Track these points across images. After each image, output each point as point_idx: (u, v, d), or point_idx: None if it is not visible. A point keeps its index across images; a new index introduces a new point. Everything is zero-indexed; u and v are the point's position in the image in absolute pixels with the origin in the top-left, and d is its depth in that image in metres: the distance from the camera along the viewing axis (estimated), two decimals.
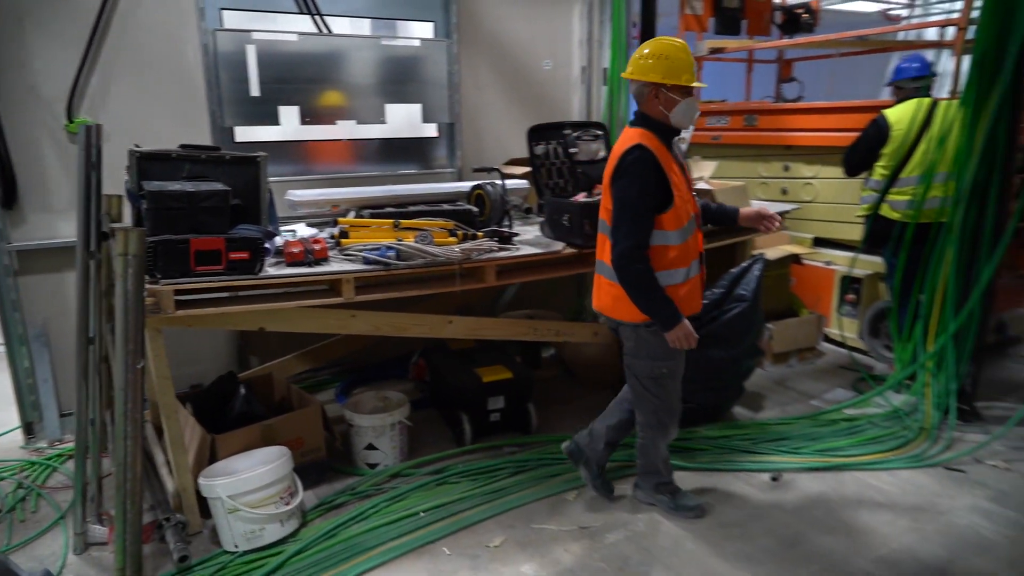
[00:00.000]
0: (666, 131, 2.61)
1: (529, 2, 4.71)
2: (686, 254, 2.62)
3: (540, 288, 4.65)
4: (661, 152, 2.56)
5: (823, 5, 8.73)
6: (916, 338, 3.90)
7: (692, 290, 2.68)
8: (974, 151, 3.44)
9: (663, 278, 2.58)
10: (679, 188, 2.57)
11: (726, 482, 3.16)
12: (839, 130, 4.72)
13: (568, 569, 2.58)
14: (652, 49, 2.54)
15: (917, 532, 2.77)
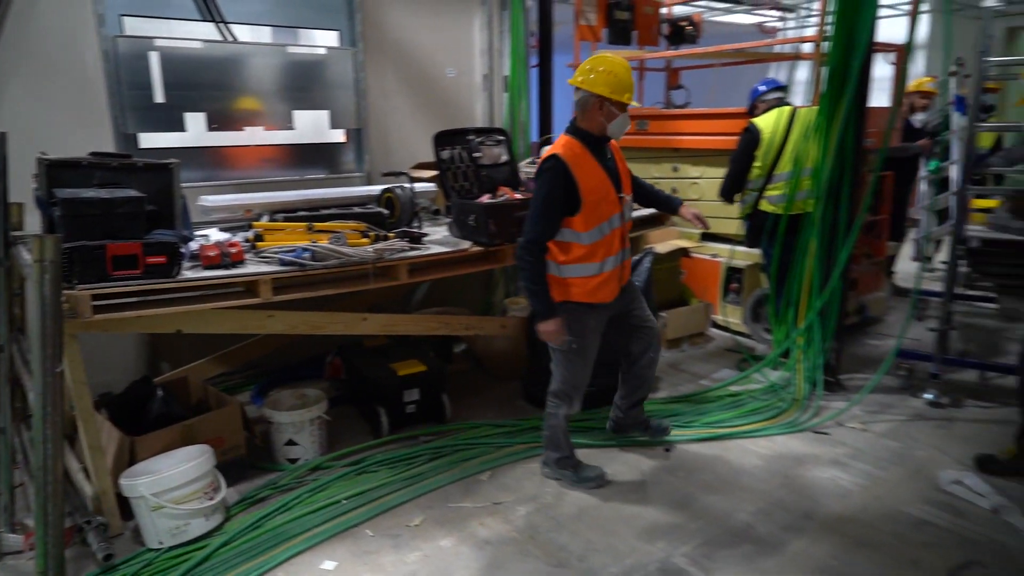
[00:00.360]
0: (595, 140, 2.90)
1: (432, 13, 4.91)
2: (597, 251, 2.91)
3: (450, 286, 4.86)
4: (583, 159, 2.85)
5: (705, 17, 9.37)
6: (789, 320, 4.36)
7: (605, 282, 2.98)
8: (829, 152, 3.91)
9: (574, 270, 2.91)
10: (596, 192, 2.86)
11: (624, 455, 3.48)
12: (722, 134, 5.17)
13: (484, 540, 2.80)
14: (604, 65, 2.80)
15: (787, 487, 3.17)
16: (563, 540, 2.80)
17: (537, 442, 3.54)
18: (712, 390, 4.23)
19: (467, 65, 5.18)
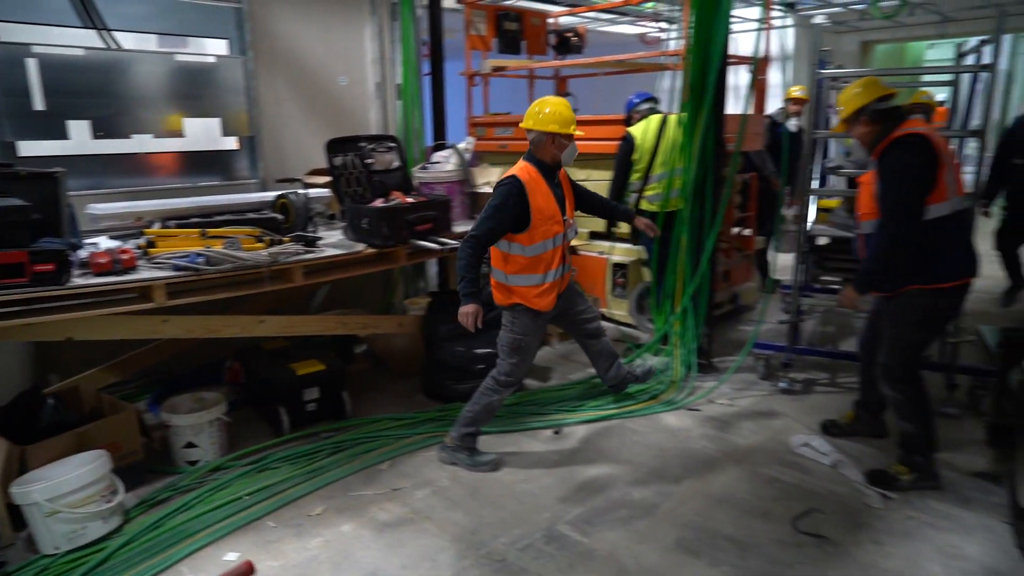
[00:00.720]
0: (549, 168, 3.30)
1: (322, 23, 5.03)
2: (540, 264, 3.29)
3: (350, 288, 4.99)
4: (538, 184, 3.23)
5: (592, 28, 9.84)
6: (667, 309, 4.76)
7: (547, 291, 3.34)
8: (692, 155, 4.32)
9: (519, 279, 3.31)
10: (544, 212, 3.23)
11: (516, 440, 3.73)
12: (606, 139, 5.54)
13: (383, 523, 2.98)
14: (549, 107, 3.22)
15: (662, 458, 3.51)
16: (457, 517, 3.01)
17: (435, 432, 3.75)
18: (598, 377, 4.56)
19: (360, 74, 5.32)
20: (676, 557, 2.72)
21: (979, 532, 2.86)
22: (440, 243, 3.76)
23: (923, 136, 2.92)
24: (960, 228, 3.04)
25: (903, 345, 3.13)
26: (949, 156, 2.96)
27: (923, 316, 3.07)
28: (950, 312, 3.21)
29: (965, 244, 3.07)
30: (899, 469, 3.18)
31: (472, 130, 6.70)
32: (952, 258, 3.00)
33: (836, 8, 9.87)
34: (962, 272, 3.03)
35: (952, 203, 2.95)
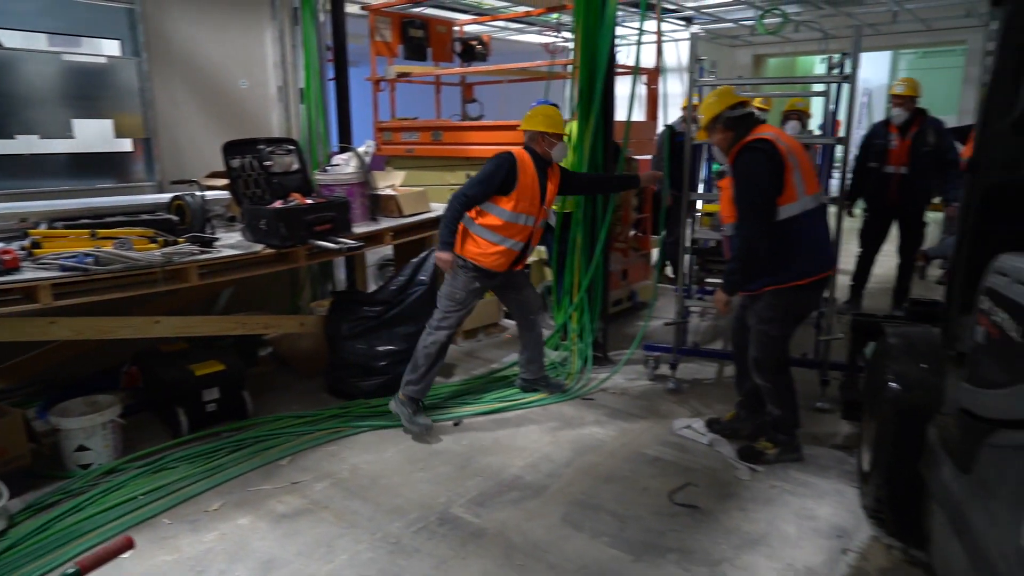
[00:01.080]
0: (540, 159, 3.79)
1: (220, 26, 5.02)
2: (509, 231, 3.73)
3: (255, 291, 4.99)
4: (528, 165, 3.72)
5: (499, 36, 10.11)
6: (565, 305, 4.99)
7: (503, 255, 3.78)
8: (584, 160, 4.58)
9: (487, 233, 3.74)
10: (528, 190, 3.70)
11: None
12: (508, 144, 5.74)
13: (281, 515, 3.05)
14: (541, 112, 3.80)
15: (555, 443, 3.71)
16: (355, 506, 3.11)
17: (337, 427, 3.84)
18: (499, 371, 4.74)
19: (261, 77, 5.33)
20: (561, 531, 2.92)
21: (831, 496, 3.19)
22: (339, 243, 3.84)
23: (768, 141, 3.15)
24: (813, 226, 3.24)
25: (768, 340, 3.33)
26: (799, 158, 3.20)
27: (784, 313, 3.28)
28: (810, 306, 3.45)
29: (818, 241, 3.28)
30: (765, 445, 3.47)
31: (379, 135, 6.80)
32: (805, 256, 3.19)
33: (728, 24, 10.50)
34: (817, 268, 3.25)
35: (802, 203, 3.16)
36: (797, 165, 3.16)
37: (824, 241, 3.36)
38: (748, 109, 3.32)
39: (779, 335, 3.34)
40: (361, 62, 7.17)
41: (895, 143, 5.39)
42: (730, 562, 2.71)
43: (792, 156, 3.16)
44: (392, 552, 2.77)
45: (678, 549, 2.78)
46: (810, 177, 3.24)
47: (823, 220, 3.35)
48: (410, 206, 4.67)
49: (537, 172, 3.76)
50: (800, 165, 3.19)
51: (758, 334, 3.37)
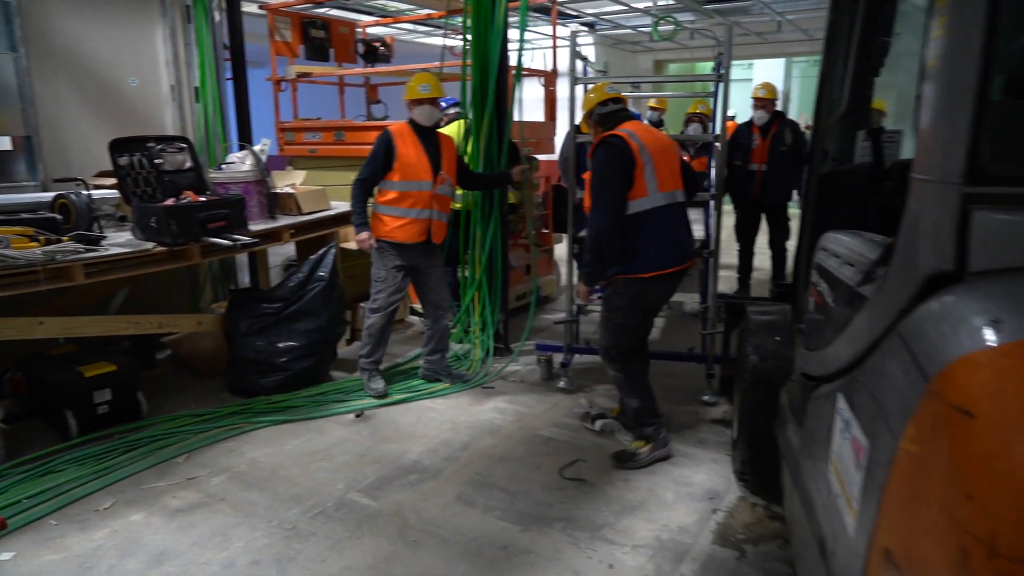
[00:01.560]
0: (421, 129, 4.07)
1: (106, 22, 4.90)
2: (405, 199, 4.02)
3: (152, 292, 4.89)
4: (407, 136, 4.02)
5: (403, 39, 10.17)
6: (466, 299, 5.14)
7: (409, 225, 4.06)
8: (480, 156, 4.74)
9: (388, 210, 4.05)
10: (409, 158, 3.99)
11: (319, 425, 3.90)
12: None
13: (175, 509, 3.05)
14: (412, 80, 4.05)
15: (453, 430, 3.84)
16: (253, 496, 3.15)
17: (236, 424, 3.84)
18: (403, 363, 4.84)
19: (152, 75, 5.22)
20: (455, 508, 3.05)
21: (707, 464, 3.45)
22: (234, 240, 3.85)
23: (621, 137, 3.20)
24: (664, 222, 3.26)
25: (613, 328, 3.39)
26: (657, 155, 3.23)
27: (628, 303, 3.32)
28: (658, 299, 3.44)
29: (669, 236, 3.29)
30: (637, 445, 3.47)
31: (281, 135, 6.76)
32: (653, 249, 3.23)
33: (627, 30, 10.93)
34: (664, 262, 3.26)
35: (653, 199, 3.21)
36: (651, 162, 3.21)
37: (676, 237, 3.35)
38: (619, 106, 3.43)
39: (624, 324, 3.38)
40: (266, 62, 7.10)
41: (757, 142, 5.83)
42: (611, 526, 2.91)
43: (646, 153, 3.21)
44: (288, 537, 2.83)
45: (564, 518, 2.97)
46: (668, 175, 3.30)
47: (679, 217, 3.38)
48: (309, 204, 4.71)
49: (420, 140, 4.04)
50: (656, 162, 3.23)
51: (604, 321, 3.45)
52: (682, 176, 3.43)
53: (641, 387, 3.49)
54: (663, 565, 2.64)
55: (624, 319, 3.37)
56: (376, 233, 4.10)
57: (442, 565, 2.64)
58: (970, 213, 1.18)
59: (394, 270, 4.13)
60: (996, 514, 0.90)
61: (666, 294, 3.49)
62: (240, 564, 2.66)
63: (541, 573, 2.60)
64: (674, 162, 3.40)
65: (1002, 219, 1.18)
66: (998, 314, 1.02)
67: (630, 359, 3.45)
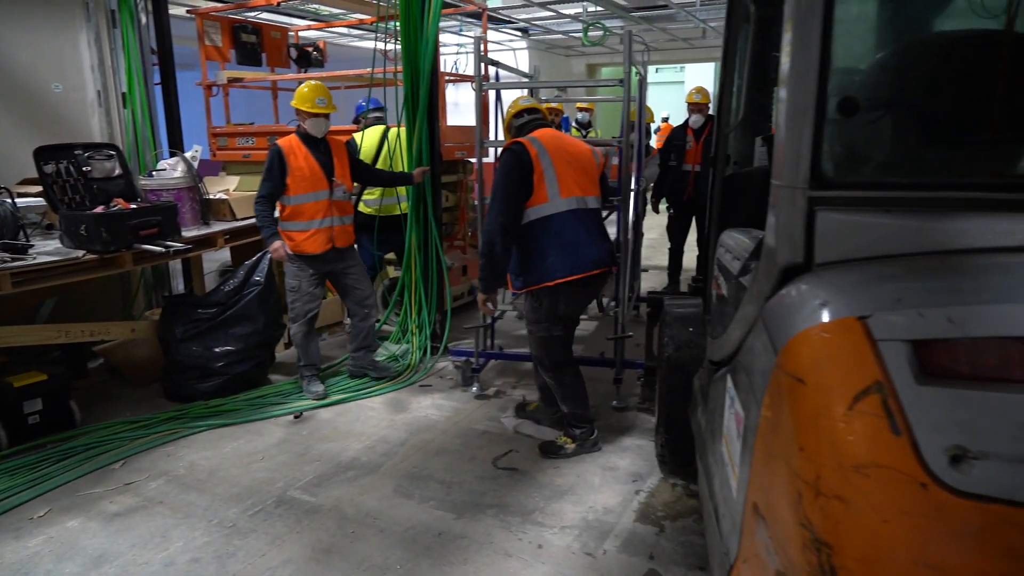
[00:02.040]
0: (310, 139, 4.09)
1: (27, 26, 4.81)
2: (303, 213, 4.07)
3: (83, 303, 4.83)
4: (297, 149, 4.05)
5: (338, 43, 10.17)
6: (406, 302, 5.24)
7: (315, 235, 4.12)
8: (413, 161, 4.86)
9: (291, 225, 4.09)
10: (302, 171, 4.03)
11: (258, 427, 3.96)
12: None
13: (113, 514, 3.08)
14: (304, 88, 4.06)
15: (391, 427, 3.96)
16: (191, 498, 3.20)
17: (174, 429, 3.87)
18: (336, 363, 4.92)
19: (77, 81, 5.15)
20: (392, 501, 3.18)
21: (632, 450, 3.67)
22: (166, 246, 3.87)
23: (522, 143, 3.24)
24: (568, 228, 3.25)
25: (537, 340, 3.44)
26: (562, 160, 3.26)
27: (543, 314, 3.34)
28: (571, 307, 3.40)
29: (574, 243, 3.26)
30: (564, 440, 3.57)
31: (213, 140, 6.71)
32: (557, 257, 3.23)
33: (559, 35, 11.20)
34: (570, 269, 3.24)
35: (554, 204, 3.23)
36: (552, 168, 3.22)
37: (583, 243, 3.30)
38: (532, 116, 3.48)
39: (546, 335, 3.40)
40: (196, 65, 7.03)
41: (691, 144, 6.14)
42: (541, 511, 3.09)
43: (546, 159, 3.22)
44: (228, 535, 2.90)
45: (497, 505, 3.13)
46: (572, 181, 3.29)
47: (586, 222, 3.34)
48: (243, 209, 4.74)
49: (310, 150, 4.08)
50: (559, 168, 3.24)
51: (528, 334, 3.53)
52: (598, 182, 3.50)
53: (572, 395, 3.53)
54: (588, 543, 2.83)
55: (546, 330, 3.39)
56: (289, 247, 4.09)
57: (379, 553, 2.77)
58: (815, 213, 1.40)
59: (307, 280, 4.19)
60: (819, 461, 1.10)
61: (579, 301, 3.46)
62: (180, 563, 2.72)
63: (474, 556, 2.75)
64: (584, 168, 3.38)
65: (841, 218, 1.39)
66: (827, 297, 1.23)
67: (562, 369, 3.49)
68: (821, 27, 1.32)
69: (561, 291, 3.29)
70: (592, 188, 3.43)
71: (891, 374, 1.07)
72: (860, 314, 1.14)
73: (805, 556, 1.11)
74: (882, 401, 1.06)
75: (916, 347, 1.09)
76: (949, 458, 1.01)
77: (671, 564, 2.70)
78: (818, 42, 1.33)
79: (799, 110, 1.39)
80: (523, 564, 2.70)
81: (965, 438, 1.01)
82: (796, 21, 1.37)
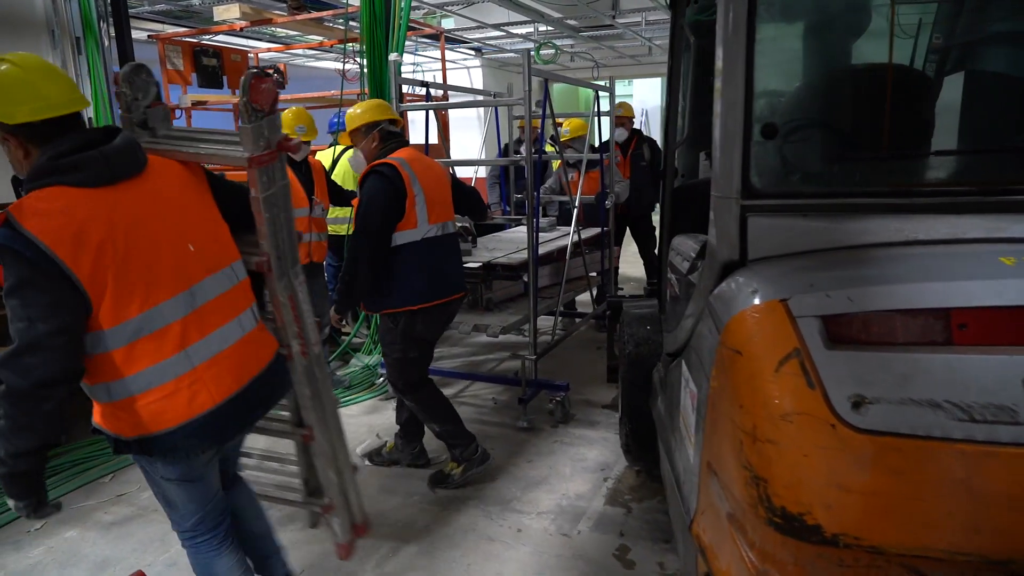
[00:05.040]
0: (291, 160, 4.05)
1: None
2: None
3: None
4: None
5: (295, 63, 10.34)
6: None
7: None
8: None
9: None
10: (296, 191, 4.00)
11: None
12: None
13: (110, 523, 3.22)
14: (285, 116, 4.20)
15: (371, 432, 4.17)
16: None
17: None
18: None
19: None
20: (379, 498, 3.39)
21: (599, 443, 3.95)
22: None
23: (394, 167, 3.09)
24: (433, 253, 3.23)
25: (393, 362, 3.37)
26: (430, 186, 3.20)
27: (400, 336, 3.27)
28: (429, 330, 3.36)
29: (439, 268, 3.27)
30: (451, 466, 3.47)
31: None
32: (420, 281, 3.20)
33: (511, 54, 11.57)
34: (433, 294, 3.24)
35: (422, 230, 3.17)
36: (422, 193, 3.16)
37: (445, 269, 3.32)
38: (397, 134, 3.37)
39: (402, 357, 3.32)
40: None
41: (619, 159, 6.30)
42: (518, 499, 3.34)
43: (417, 184, 3.15)
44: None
45: (477, 497, 3.37)
46: (439, 206, 3.28)
47: (447, 248, 3.36)
48: None
49: (292, 171, 4.07)
50: (428, 194, 3.19)
51: (384, 356, 3.51)
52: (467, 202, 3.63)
53: (437, 414, 3.45)
54: (563, 525, 3.10)
55: (401, 352, 3.32)
56: None
57: (370, 544, 2.98)
58: (747, 219, 1.70)
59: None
60: (755, 413, 1.39)
61: (438, 325, 3.43)
62: (183, 564, 2.85)
63: (460, 541, 2.99)
64: (446, 192, 3.38)
65: (767, 222, 1.70)
66: (757, 286, 1.52)
67: (419, 388, 3.42)
68: (744, 72, 1.64)
69: (419, 315, 3.24)
70: (450, 213, 3.41)
71: (806, 342, 1.37)
72: (782, 297, 1.44)
73: (747, 491, 1.39)
74: (800, 363, 1.35)
75: (825, 321, 1.39)
76: (851, 404, 1.31)
77: (639, 539, 2.98)
78: (742, 83, 1.64)
79: (730, 134, 1.69)
80: (505, 546, 2.95)
81: (863, 388, 1.31)
82: (725, 64, 1.68)
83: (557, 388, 4.30)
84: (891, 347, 1.35)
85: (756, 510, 1.37)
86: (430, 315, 3.27)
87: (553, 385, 4.34)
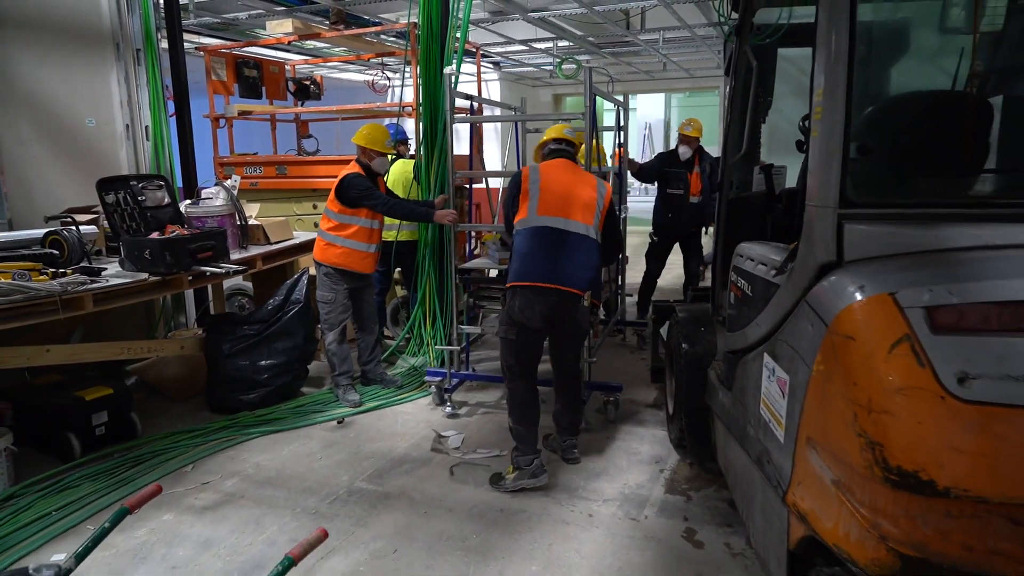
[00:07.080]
0: (372, 172, 4.65)
1: (65, 66, 5.14)
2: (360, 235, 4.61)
3: (110, 327, 5.11)
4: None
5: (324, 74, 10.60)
6: (417, 318, 5.67)
7: (366, 259, 4.70)
8: (431, 190, 5.33)
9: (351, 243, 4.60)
10: None
11: (308, 432, 4.34)
12: None
13: (202, 508, 3.42)
14: (366, 130, 4.59)
15: (429, 426, 4.38)
16: (269, 492, 3.57)
17: (231, 436, 4.21)
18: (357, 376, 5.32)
19: (108, 115, 5.47)
20: (451, 486, 3.61)
21: (648, 438, 4.18)
22: (223, 267, 4.25)
23: (523, 169, 3.75)
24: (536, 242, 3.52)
25: (499, 339, 3.67)
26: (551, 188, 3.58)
27: (505, 312, 3.58)
28: (524, 313, 3.47)
29: (534, 255, 3.50)
30: (509, 469, 3.60)
31: (220, 170, 7.05)
32: (520, 262, 3.52)
33: (529, 68, 11.86)
34: (522, 275, 3.49)
35: (531, 220, 3.55)
36: (538, 192, 3.57)
37: (541, 258, 3.49)
38: (558, 146, 3.83)
39: (504, 337, 3.59)
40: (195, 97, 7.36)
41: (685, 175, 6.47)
42: (583, 488, 3.57)
43: (536, 185, 3.60)
44: (315, 519, 3.29)
45: (543, 486, 3.59)
46: (554, 204, 3.56)
47: (557, 242, 3.52)
48: (276, 234, 5.13)
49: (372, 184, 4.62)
50: (544, 193, 3.57)
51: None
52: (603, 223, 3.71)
53: (516, 410, 3.61)
54: (631, 511, 3.33)
55: (504, 332, 3.59)
56: (325, 258, 4.60)
57: (454, 527, 3.20)
58: (843, 226, 1.95)
59: (341, 292, 4.67)
60: (869, 387, 1.63)
61: (531, 309, 3.47)
62: (281, 542, 3.10)
63: (536, 525, 3.22)
64: (576, 198, 3.60)
65: (862, 228, 1.94)
66: (862, 283, 1.77)
67: (513, 379, 3.61)
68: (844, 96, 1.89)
69: (517, 294, 3.49)
70: (582, 216, 3.58)
71: (915, 329, 1.61)
72: (890, 291, 1.68)
73: (863, 456, 1.63)
74: (911, 346, 1.59)
75: (929, 311, 1.64)
76: (957, 380, 1.55)
77: (703, 523, 3.21)
78: (843, 107, 1.90)
79: (830, 152, 1.95)
80: (580, 529, 3.18)
81: (966, 367, 1.56)
82: (827, 89, 1.93)
83: (612, 388, 4.53)
84: (988, 333, 1.59)
85: (871, 471, 1.61)
86: (523, 296, 3.47)
87: (609, 386, 4.58)
